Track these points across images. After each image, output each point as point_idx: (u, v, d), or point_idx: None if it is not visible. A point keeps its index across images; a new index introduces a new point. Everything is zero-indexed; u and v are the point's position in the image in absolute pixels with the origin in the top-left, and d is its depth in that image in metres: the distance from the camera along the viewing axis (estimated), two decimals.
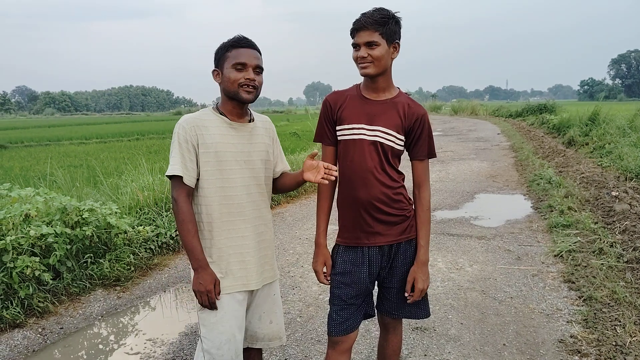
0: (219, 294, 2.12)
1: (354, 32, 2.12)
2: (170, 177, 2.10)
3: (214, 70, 2.18)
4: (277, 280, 2.41)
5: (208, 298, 2.09)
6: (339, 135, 2.24)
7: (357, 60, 2.12)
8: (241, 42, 2.13)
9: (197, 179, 2.13)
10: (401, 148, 2.22)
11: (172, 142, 2.13)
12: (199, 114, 2.18)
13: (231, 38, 2.16)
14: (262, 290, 2.32)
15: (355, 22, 2.11)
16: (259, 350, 2.50)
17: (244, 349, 2.37)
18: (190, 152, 2.09)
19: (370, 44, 2.07)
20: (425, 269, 2.25)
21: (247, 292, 2.23)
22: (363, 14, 2.09)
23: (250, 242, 2.22)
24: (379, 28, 2.06)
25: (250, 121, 2.25)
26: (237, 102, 2.17)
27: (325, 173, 2.15)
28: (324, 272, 2.34)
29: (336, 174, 2.18)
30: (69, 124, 43.87)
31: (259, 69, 2.16)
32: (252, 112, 2.29)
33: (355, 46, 2.12)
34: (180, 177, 2.07)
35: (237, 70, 2.10)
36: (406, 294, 2.26)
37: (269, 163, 2.33)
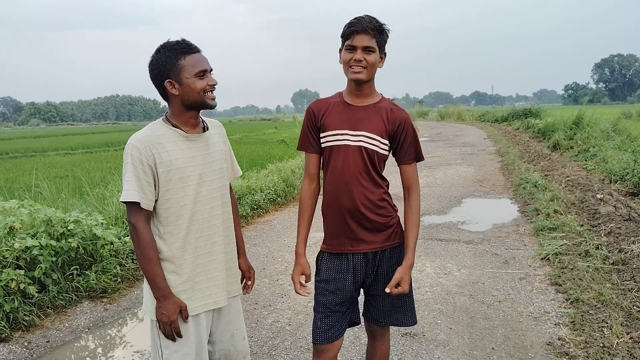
0: (186, 317, 2.04)
1: (352, 34, 2.08)
2: (125, 202, 1.97)
3: (167, 81, 2.00)
4: (240, 293, 2.34)
5: (172, 328, 2.00)
6: (323, 142, 2.23)
7: (350, 62, 2.09)
8: (192, 48, 2.02)
9: (156, 200, 2.02)
10: (386, 153, 2.22)
11: (124, 164, 1.98)
12: (150, 130, 2.04)
13: (172, 43, 2.01)
14: (230, 307, 2.25)
15: (353, 24, 2.08)
16: None
17: None
18: (147, 174, 1.96)
19: (367, 49, 2.07)
20: (410, 271, 2.22)
21: (211, 310, 2.17)
22: (361, 19, 2.08)
23: (219, 257, 2.15)
24: (377, 35, 2.08)
25: (204, 129, 2.15)
26: (197, 110, 2.08)
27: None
28: (302, 282, 2.33)
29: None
30: (54, 134, 43.47)
31: (211, 71, 2.09)
32: (203, 118, 2.19)
33: (351, 48, 2.09)
34: (138, 203, 1.95)
35: (201, 78, 2.01)
36: (387, 290, 2.18)
37: (227, 170, 2.26)
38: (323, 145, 2.24)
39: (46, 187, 6.64)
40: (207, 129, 2.16)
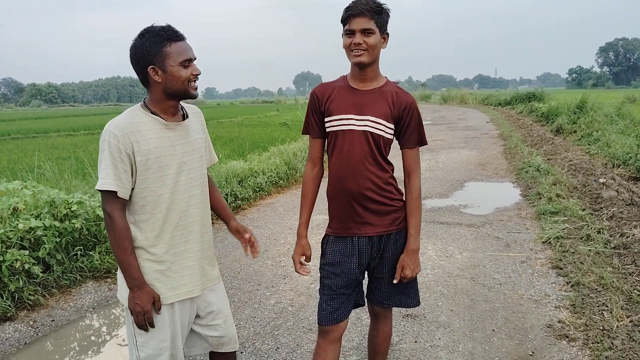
0: (159, 309, 2.01)
1: (349, 18, 2.07)
2: (101, 190, 1.92)
3: (151, 67, 1.93)
4: (221, 281, 2.33)
5: (145, 318, 1.98)
6: (328, 127, 2.23)
7: (351, 47, 2.08)
8: (178, 35, 1.95)
9: (132, 189, 1.98)
10: (391, 137, 2.21)
11: (101, 152, 1.93)
12: (128, 116, 1.97)
13: (157, 28, 1.94)
14: (217, 295, 2.26)
15: (350, 8, 2.07)
16: (233, 353, 2.39)
17: (210, 352, 2.35)
18: (124, 162, 1.91)
19: (366, 31, 2.05)
20: (415, 257, 2.25)
21: (191, 298, 2.15)
22: (357, 2, 2.07)
23: (194, 246, 2.12)
24: (375, 16, 2.05)
25: (184, 117, 2.10)
26: (178, 99, 2.03)
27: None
28: (302, 263, 2.36)
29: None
30: (56, 115, 43.39)
31: (195, 60, 2.03)
32: (182, 105, 2.13)
33: (350, 32, 2.08)
34: (114, 191, 1.91)
35: (185, 67, 1.95)
36: (395, 281, 2.27)
37: (205, 158, 2.23)
38: (328, 130, 2.23)
39: (49, 168, 6.64)
40: (187, 117, 2.12)
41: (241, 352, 3.26)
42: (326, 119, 2.22)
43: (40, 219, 4.34)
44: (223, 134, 16.32)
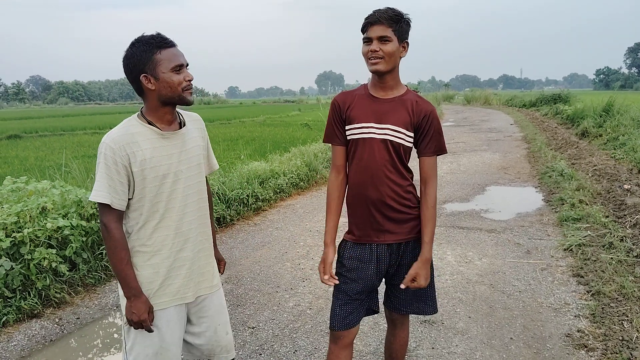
0: (151, 321, 2.05)
1: (366, 26, 2.12)
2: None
3: (143, 75, 1.95)
4: (221, 289, 2.36)
5: (142, 327, 2.03)
6: (349, 135, 2.26)
7: (368, 54, 2.12)
8: (168, 42, 1.98)
9: (130, 199, 2.01)
10: (411, 145, 2.23)
11: (97, 164, 1.96)
12: (125, 128, 1.99)
13: (147, 37, 1.97)
14: (211, 302, 2.27)
15: (368, 16, 2.11)
16: None
17: None
18: (120, 174, 1.94)
19: (383, 39, 2.08)
20: (427, 266, 2.25)
21: (183, 304, 2.18)
22: (376, 10, 2.11)
23: (189, 255, 2.15)
24: (393, 24, 2.08)
25: (181, 125, 2.12)
26: (173, 106, 2.05)
27: None
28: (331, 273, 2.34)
29: None
30: (82, 113, 44.17)
31: (187, 66, 2.05)
32: (180, 113, 2.15)
33: (367, 40, 2.12)
34: (108, 204, 1.94)
35: (177, 72, 1.97)
36: (402, 286, 2.25)
37: (204, 166, 2.25)
38: (349, 138, 2.26)
39: (75, 167, 6.81)
40: (184, 124, 2.14)
41: (260, 354, 3.32)
42: (347, 127, 2.26)
43: (67, 219, 4.46)
44: (245, 133, 16.47)
